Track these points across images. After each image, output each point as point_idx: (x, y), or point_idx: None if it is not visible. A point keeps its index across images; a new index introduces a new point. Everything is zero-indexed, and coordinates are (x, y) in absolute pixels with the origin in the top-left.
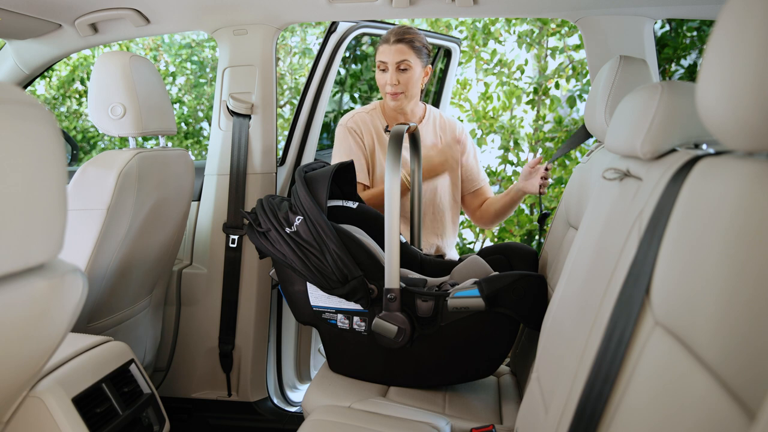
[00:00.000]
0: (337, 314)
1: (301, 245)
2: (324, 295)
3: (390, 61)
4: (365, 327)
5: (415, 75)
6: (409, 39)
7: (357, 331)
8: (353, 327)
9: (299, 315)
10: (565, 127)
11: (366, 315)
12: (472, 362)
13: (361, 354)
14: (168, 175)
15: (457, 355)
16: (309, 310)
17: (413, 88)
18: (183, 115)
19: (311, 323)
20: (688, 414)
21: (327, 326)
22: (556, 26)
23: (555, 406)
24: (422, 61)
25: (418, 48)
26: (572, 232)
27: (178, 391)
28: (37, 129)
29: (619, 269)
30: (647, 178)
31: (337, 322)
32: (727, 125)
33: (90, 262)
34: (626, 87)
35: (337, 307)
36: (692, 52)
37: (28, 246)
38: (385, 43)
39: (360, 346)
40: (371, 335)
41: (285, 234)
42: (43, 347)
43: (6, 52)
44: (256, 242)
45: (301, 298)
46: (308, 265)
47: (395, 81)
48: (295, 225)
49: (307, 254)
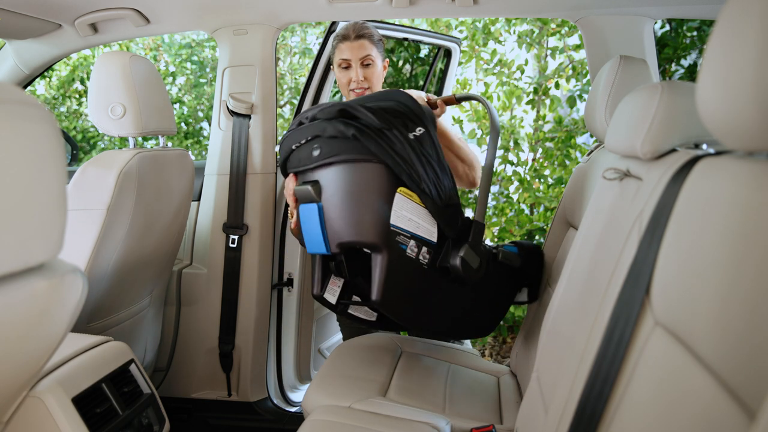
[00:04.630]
0: (410, 240)
1: (424, 153)
2: (405, 216)
3: (353, 57)
4: (428, 260)
5: (378, 69)
6: (369, 34)
7: (420, 263)
8: (419, 257)
9: (365, 232)
10: (565, 127)
11: (433, 248)
12: (485, 316)
13: (412, 290)
14: (168, 175)
15: (481, 305)
16: (384, 228)
17: (378, 82)
18: (183, 115)
19: (375, 243)
20: (688, 413)
21: (395, 250)
22: (556, 26)
23: (555, 406)
24: (381, 54)
25: (377, 42)
26: (572, 232)
27: (178, 391)
28: (37, 129)
29: (619, 269)
30: (647, 178)
31: (407, 248)
32: (727, 125)
33: (90, 262)
34: (626, 87)
35: (413, 232)
36: (692, 52)
37: (28, 246)
38: (345, 41)
39: (414, 282)
40: (428, 271)
41: (409, 137)
42: (43, 347)
43: (6, 52)
44: (362, 145)
45: (380, 214)
46: (429, 175)
47: (361, 77)
48: (416, 133)
49: (426, 165)
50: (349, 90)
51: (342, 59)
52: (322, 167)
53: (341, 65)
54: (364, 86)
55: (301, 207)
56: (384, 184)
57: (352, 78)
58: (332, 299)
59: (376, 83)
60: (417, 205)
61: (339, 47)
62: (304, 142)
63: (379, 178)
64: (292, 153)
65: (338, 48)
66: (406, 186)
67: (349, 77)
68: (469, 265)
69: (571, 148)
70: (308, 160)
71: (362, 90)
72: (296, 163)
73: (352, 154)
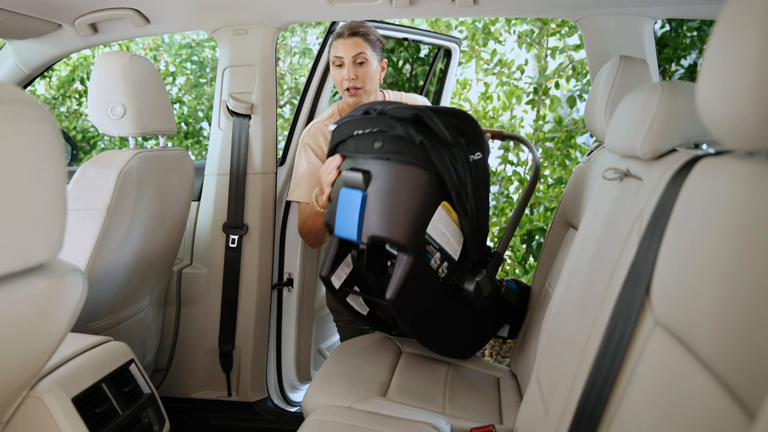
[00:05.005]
0: (437, 252)
1: (477, 178)
2: (440, 229)
3: (346, 55)
4: (445, 275)
5: (372, 69)
6: (364, 32)
7: (438, 276)
8: (438, 270)
9: (400, 232)
10: (565, 127)
11: (452, 266)
12: (470, 340)
13: (423, 298)
14: (168, 175)
15: (472, 329)
16: (418, 234)
17: (371, 82)
18: (183, 115)
19: (406, 245)
20: (688, 413)
21: (422, 257)
22: (556, 26)
23: (555, 406)
24: (378, 55)
25: (373, 41)
26: (572, 232)
27: (178, 391)
28: (37, 129)
29: (619, 269)
30: (647, 178)
31: (432, 259)
32: (727, 125)
33: (90, 262)
34: (626, 87)
35: (442, 246)
36: (692, 52)
37: (28, 246)
38: (339, 38)
39: (428, 291)
40: (442, 285)
41: (469, 159)
42: (43, 347)
43: (6, 52)
44: (431, 156)
45: (419, 220)
46: (475, 199)
47: (353, 75)
48: (475, 157)
49: (475, 189)
50: (343, 89)
51: (336, 56)
52: (378, 160)
53: (335, 63)
54: (356, 85)
55: (344, 191)
56: (432, 194)
57: (344, 76)
58: (337, 284)
59: (369, 83)
60: (452, 223)
61: (334, 45)
62: (368, 131)
63: (430, 188)
64: (351, 138)
65: (333, 46)
66: (450, 202)
67: (342, 75)
68: (482, 291)
69: (571, 148)
70: (367, 150)
71: (355, 89)
72: (353, 148)
73: (413, 158)
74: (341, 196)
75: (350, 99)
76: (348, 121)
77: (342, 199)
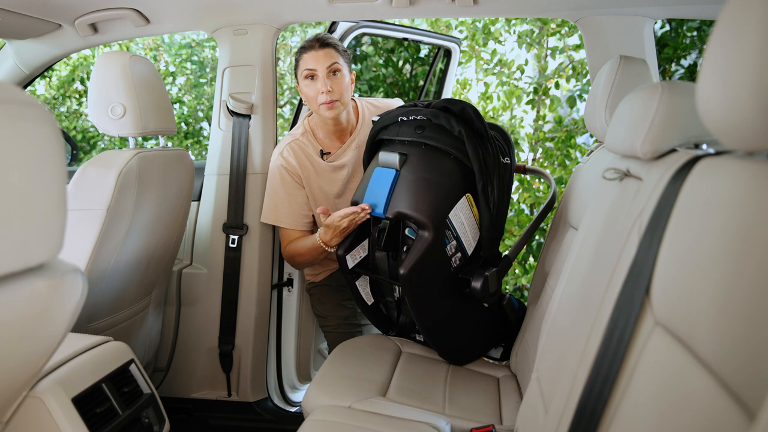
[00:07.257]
0: (453, 239)
1: (504, 178)
2: (461, 218)
3: (319, 66)
4: (456, 267)
5: (346, 80)
6: (334, 43)
7: (450, 264)
8: (452, 259)
9: (424, 210)
10: (565, 127)
11: (465, 259)
12: (464, 346)
13: (433, 282)
14: (168, 175)
15: (469, 334)
16: (440, 216)
17: (347, 93)
18: (183, 115)
19: (427, 223)
20: (688, 413)
21: (439, 238)
22: (556, 26)
23: (555, 406)
24: (348, 65)
25: (343, 52)
26: (572, 232)
27: (178, 391)
28: (37, 129)
29: (619, 269)
30: (647, 178)
31: (448, 244)
32: (727, 125)
33: (90, 262)
34: (626, 87)
35: (459, 235)
36: (692, 52)
37: (28, 246)
38: (310, 50)
39: (438, 276)
40: (452, 275)
41: (500, 158)
42: (43, 347)
43: (6, 52)
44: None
45: (444, 204)
46: (497, 196)
47: (329, 87)
48: (505, 161)
49: (500, 188)
50: (318, 104)
51: (307, 69)
52: (416, 144)
53: (306, 76)
54: (334, 98)
55: (378, 170)
56: (460, 183)
57: (319, 89)
58: (351, 264)
59: (345, 94)
60: (472, 217)
61: (303, 58)
62: (412, 118)
63: (459, 177)
64: (394, 124)
65: (302, 59)
66: (474, 195)
67: (316, 88)
68: (488, 288)
69: (571, 148)
70: (407, 134)
71: (332, 102)
72: (394, 133)
73: (449, 146)
74: (374, 175)
75: (327, 113)
76: (394, 112)
77: (376, 176)
